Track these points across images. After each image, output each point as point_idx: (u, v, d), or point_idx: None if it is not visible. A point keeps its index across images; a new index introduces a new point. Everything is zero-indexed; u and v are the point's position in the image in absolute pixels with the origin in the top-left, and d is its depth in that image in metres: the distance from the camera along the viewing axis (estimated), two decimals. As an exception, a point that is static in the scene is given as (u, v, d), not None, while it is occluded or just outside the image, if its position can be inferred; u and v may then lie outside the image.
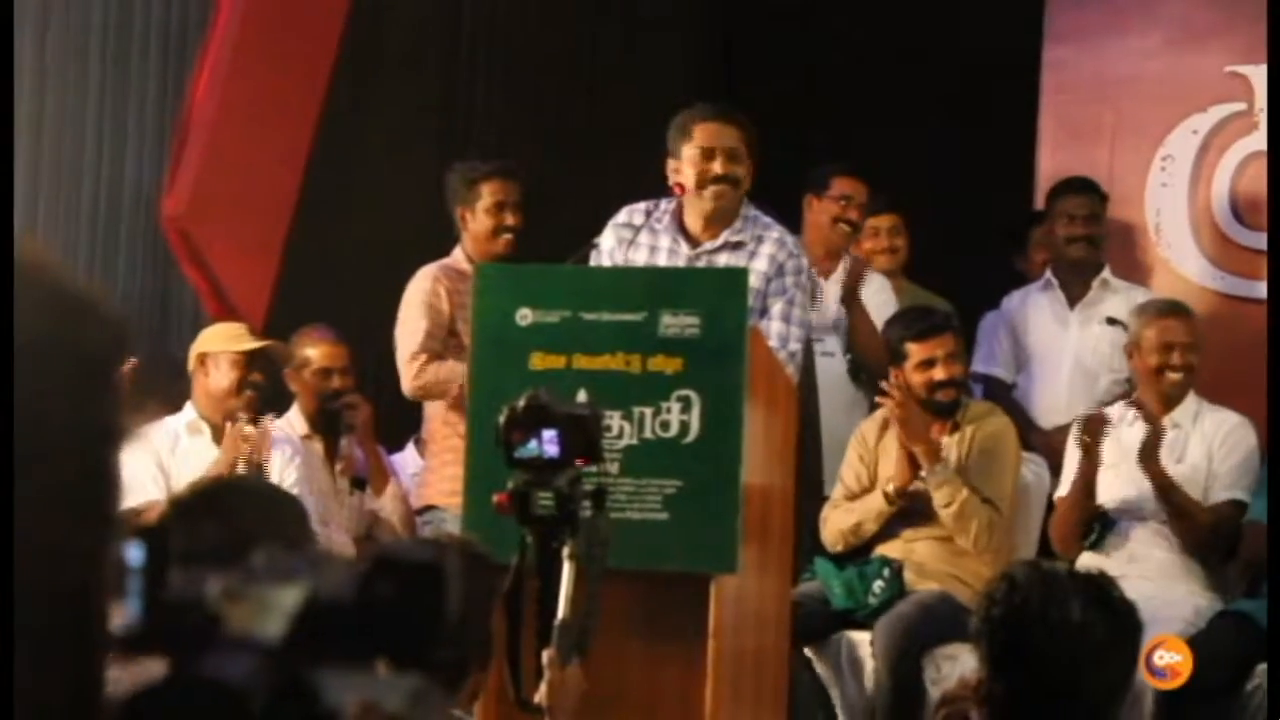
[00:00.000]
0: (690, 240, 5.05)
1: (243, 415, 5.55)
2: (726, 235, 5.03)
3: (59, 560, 1.11)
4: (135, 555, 1.15)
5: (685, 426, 4.24)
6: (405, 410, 6.00)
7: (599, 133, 7.72)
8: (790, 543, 4.66)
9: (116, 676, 1.13)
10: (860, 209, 6.27)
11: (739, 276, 4.52)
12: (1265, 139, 6.59)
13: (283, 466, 5.55)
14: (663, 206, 5.08)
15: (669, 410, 4.25)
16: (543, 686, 3.36)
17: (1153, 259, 6.81)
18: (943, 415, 5.59)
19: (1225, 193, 6.72)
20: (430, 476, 5.75)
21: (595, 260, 4.99)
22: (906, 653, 5.28)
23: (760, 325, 4.79)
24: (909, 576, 5.49)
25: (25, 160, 6.43)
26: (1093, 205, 6.47)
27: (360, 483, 5.80)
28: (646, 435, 4.25)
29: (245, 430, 5.51)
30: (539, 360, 4.32)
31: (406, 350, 5.62)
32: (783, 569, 4.62)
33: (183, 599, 1.14)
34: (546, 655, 3.37)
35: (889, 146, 7.10)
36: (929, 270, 6.64)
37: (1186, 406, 5.67)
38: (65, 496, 1.11)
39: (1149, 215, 6.83)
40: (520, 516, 3.44)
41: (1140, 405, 5.68)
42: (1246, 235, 6.67)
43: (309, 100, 6.40)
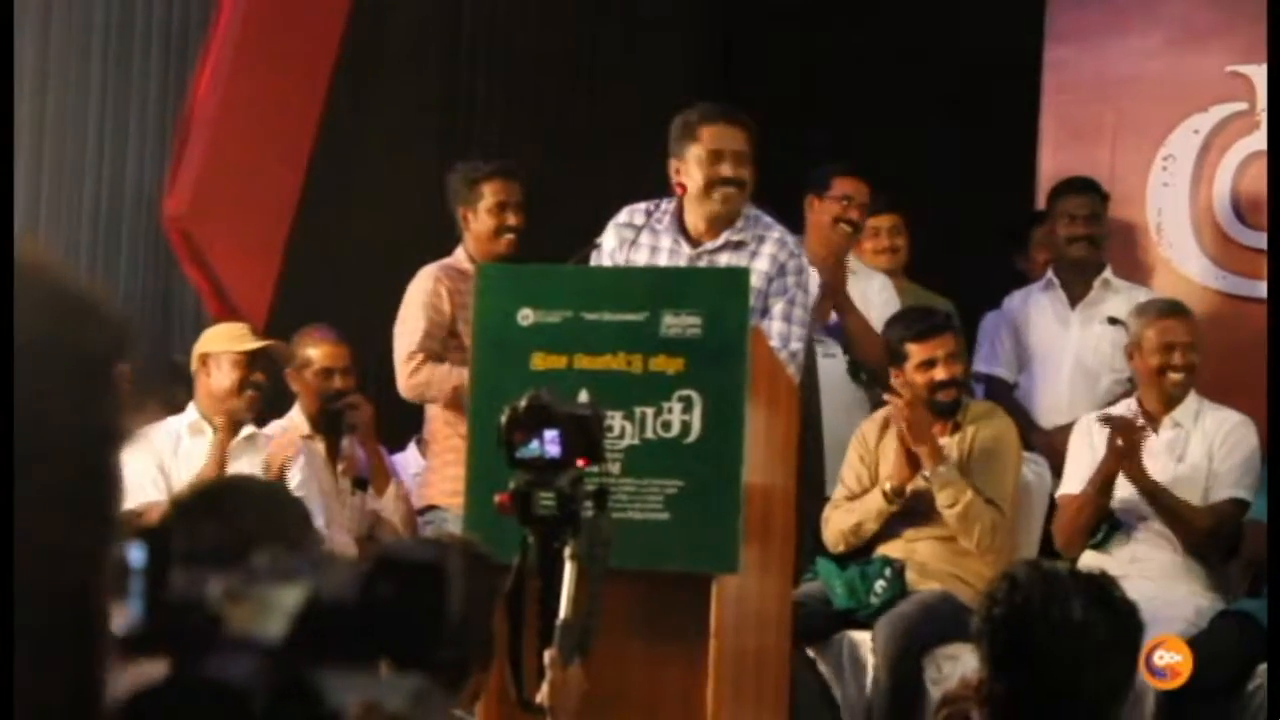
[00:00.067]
0: (691, 240, 5.04)
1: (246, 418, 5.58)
2: (728, 235, 5.01)
3: (59, 560, 1.11)
4: (137, 556, 1.15)
5: (687, 426, 4.24)
6: (407, 410, 6.00)
7: (599, 133, 7.72)
8: (792, 542, 4.66)
9: (118, 677, 1.13)
10: (861, 209, 6.26)
11: (740, 276, 4.52)
12: (1266, 139, 6.59)
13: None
14: (663, 207, 5.07)
15: (670, 410, 4.24)
16: (544, 687, 3.36)
17: (1154, 259, 6.81)
18: (944, 415, 5.59)
19: (1226, 192, 6.72)
20: (432, 476, 5.75)
21: (596, 260, 4.98)
22: (907, 651, 5.28)
23: (761, 325, 4.78)
24: (911, 576, 5.49)
25: (27, 160, 6.43)
26: (1094, 205, 6.47)
27: (362, 483, 5.79)
28: (648, 435, 4.25)
29: (259, 434, 5.57)
30: (540, 360, 4.32)
31: (403, 350, 5.62)
32: (784, 569, 4.62)
33: (184, 599, 1.14)
34: (548, 655, 3.37)
35: (889, 146, 7.10)
36: (930, 270, 6.63)
37: (1187, 406, 5.68)
38: (65, 497, 1.11)
39: (1150, 215, 6.83)
40: (522, 517, 3.43)
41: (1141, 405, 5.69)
42: (1248, 235, 6.67)
43: (310, 100, 6.40)
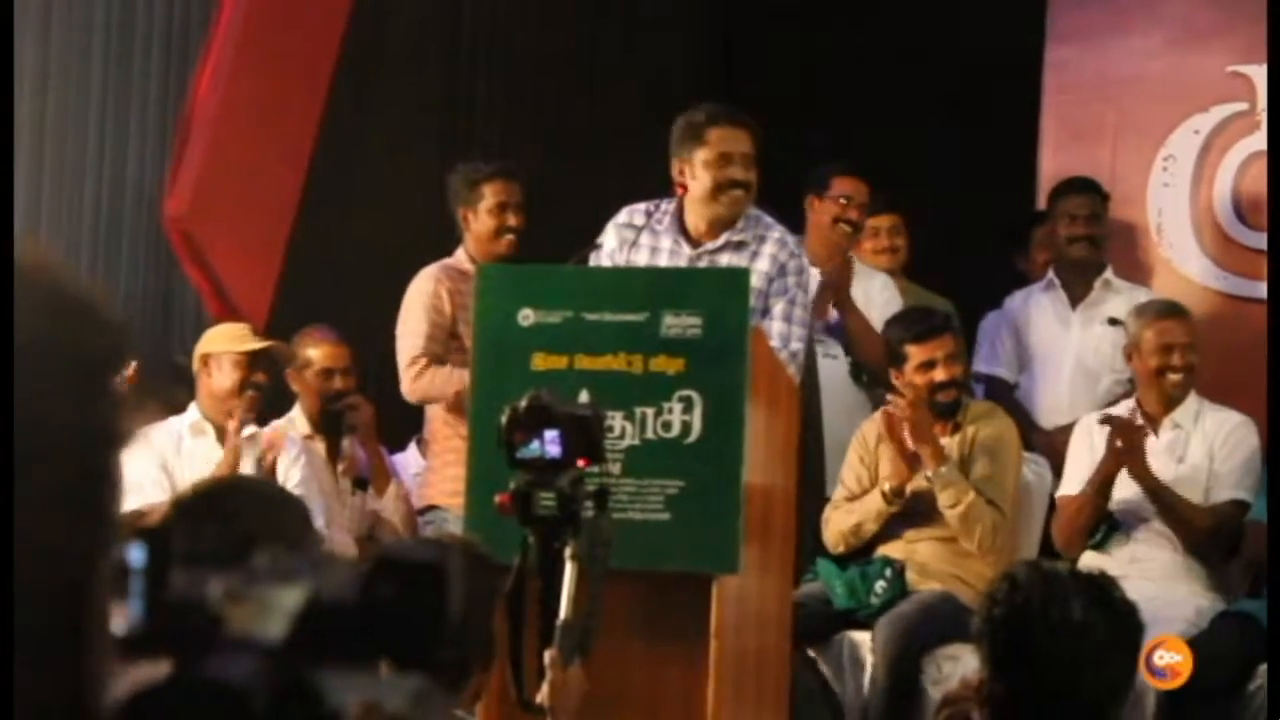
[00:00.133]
0: (691, 240, 5.04)
1: (248, 418, 5.57)
2: (728, 235, 5.01)
3: (59, 561, 1.11)
4: (138, 556, 1.15)
5: (687, 427, 4.24)
6: (407, 410, 6.00)
7: (599, 133, 7.72)
8: (792, 543, 4.65)
9: (118, 677, 1.13)
10: (861, 209, 6.26)
11: (740, 276, 4.51)
12: (1266, 139, 6.59)
13: (287, 467, 5.54)
14: (663, 207, 5.06)
15: (671, 410, 4.24)
16: (545, 687, 3.36)
17: (1154, 259, 6.81)
18: (944, 416, 5.59)
19: (1227, 193, 6.72)
20: (432, 477, 5.76)
21: (596, 261, 4.98)
22: (906, 651, 5.28)
23: (762, 325, 4.78)
24: (911, 577, 5.49)
25: (27, 160, 6.43)
26: (1094, 205, 6.47)
27: (362, 483, 5.80)
28: (648, 435, 4.25)
29: (260, 433, 5.55)
30: (541, 361, 4.31)
31: (407, 353, 5.62)
32: (784, 569, 4.62)
33: (185, 600, 1.14)
34: (548, 655, 3.37)
35: (889, 146, 7.10)
36: (930, 270, 6.63)
37: (1187, 406, 5.68)
38: (65, 497, 1.11)
39: (1151, 215, 6.83)
40: (522, 517, 3.43)
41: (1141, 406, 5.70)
42: (1248, 235, 6.67)
43: (311, 100, 6.40)
